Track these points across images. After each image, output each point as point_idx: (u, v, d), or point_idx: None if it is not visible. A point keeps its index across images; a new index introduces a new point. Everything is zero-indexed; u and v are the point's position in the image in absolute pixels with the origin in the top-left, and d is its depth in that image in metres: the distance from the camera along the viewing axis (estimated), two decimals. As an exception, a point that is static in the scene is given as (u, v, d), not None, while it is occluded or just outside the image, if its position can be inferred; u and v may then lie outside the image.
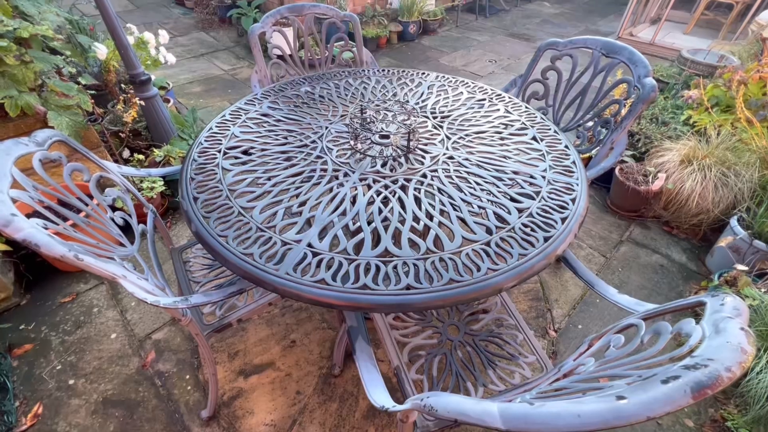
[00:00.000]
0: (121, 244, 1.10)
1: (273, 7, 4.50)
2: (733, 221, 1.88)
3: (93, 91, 2.14)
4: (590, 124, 1.62)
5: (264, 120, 1.43)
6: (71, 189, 1.04)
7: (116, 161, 2.25)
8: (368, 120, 1.34)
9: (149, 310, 1.81)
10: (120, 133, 2.22)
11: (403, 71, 1.82)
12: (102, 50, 2.21)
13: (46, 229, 0.78)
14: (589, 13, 5.88)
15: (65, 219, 0.95)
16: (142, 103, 2.16)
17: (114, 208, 1.18)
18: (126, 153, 2.36)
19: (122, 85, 2.50)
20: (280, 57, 1.92)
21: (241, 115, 1.46)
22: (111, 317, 1.78)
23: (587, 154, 1.66)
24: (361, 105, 1.34)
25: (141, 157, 2.21)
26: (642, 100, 1.35)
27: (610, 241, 2.20)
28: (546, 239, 0.96)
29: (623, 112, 1.50)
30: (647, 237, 2.22)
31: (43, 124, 1.76)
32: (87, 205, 1.06)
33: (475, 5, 5.81)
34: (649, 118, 2.63)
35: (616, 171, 2.28)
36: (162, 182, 2.11)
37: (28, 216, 0.77)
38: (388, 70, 1.83)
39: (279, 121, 1.43)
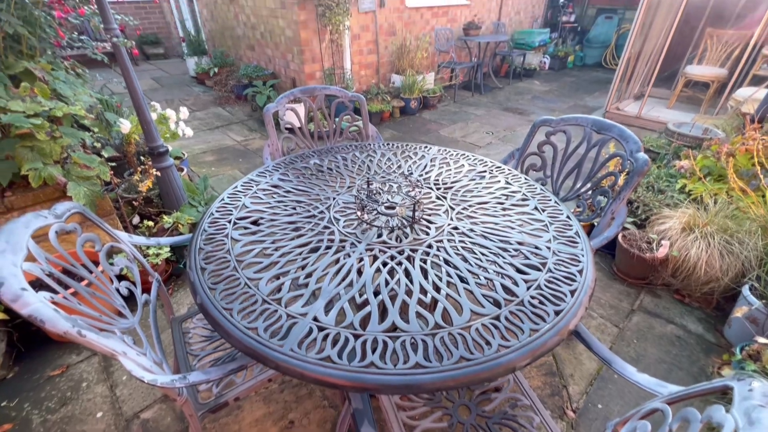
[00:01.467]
0: (123, 315, 1.08)
1: (286, 86, 4.93)
2: (746, 290, 1.84)
3: (113, 163, 2.25)
4: (589, 193, 1.67)
5: (274, 191, 1.49)
6: (81, 259, 1.05)
7: (126, 228, 2.30)
8: (374, 191, 1.39)
9: (141, 385, 1.71)
10: (133, 202, 2.30)
11: (407, 145, 1.93)
12: (126, 125, 2.38)
13: (52, 301, 0.78)
14: (575, 91, 6.38)
15: (70, 288, 0.95)
16: (158, 174, 2.27)
17: (120, 277, 1.18)
18: (136, 219, 2.42)
19: (141, 157, 2.65)
20: (290, 130, 2.06)
21: (252, 186, 1.52)
22: (99, 393, 1.68)
23: (588, 222, 1.69)
24: (368, 177, 1.41)
25: (150, 224, 2.26)
26: (637, 173, 1.41)
27: (621, 310, 2.14)
28: (557, 313, 0.94)
29: (620, 182, 1.56)
30: (659, 306, 2.16)
31: (62, 193, 1.84)
32: (92, 273, 1.06)
33: (471, 83, 6.34)
34: (645, 186, 2.71)
35: (619, 238, 2.29)
36: (168, 249, 2.13)
37: (34, 285, 0.78)
38: (393, 144, 1.95)
39: (288, 192, 1.48)
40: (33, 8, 1.93)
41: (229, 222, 1.29)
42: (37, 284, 0.86)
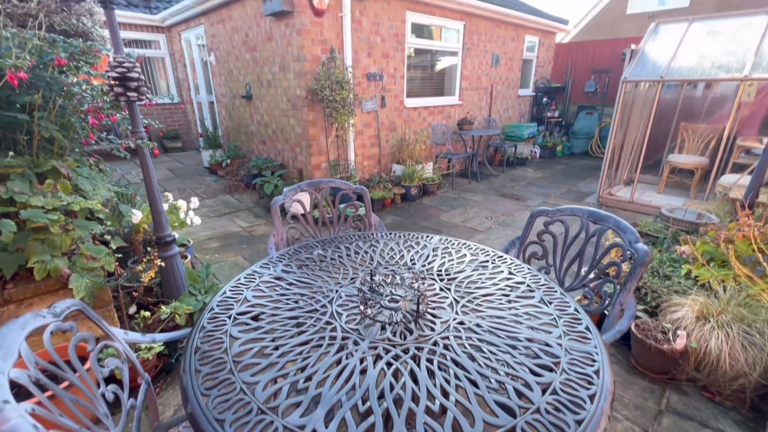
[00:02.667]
0: (103, 425, 0.99)
1: (293, 175, 5.22)
2: (779, 387, 1.70)
3: (119, 254, 2.28)
4: (594, 284, 1.65)
5: (277, 283, 1.48)
6: (71, 359, 1.01)
7: (121, 318, 2.23)
8: (377, 284, 1.38)
9: None
10: (133, 292, 2.27)
11: (409, 234, 1.98)
12: (137, 216, 2.47)
13: (33, 414, 0.72)
14: (567, 177, 6.72)
15: (55, 397, 0.89)
16: (163, 264, 2.29)
17: (107, 379, 1.11)
18: (133, 309, 2.37)
19: (148, 248, 2.69)
20: (295, 218, 2.12)
21: (255, 278, 1.52)
22: None
23: (597, 314, 1.64)
24: (371, 269, 1.41)
25: (147, 314, 2.20)
26: (639, 264, 1.42)
27: (647, 410, 1.95)
28: (578, 423, 0.86)
29: (624, 271, 1.55)
30: (689, 406, 1.97)
31: (63, 285, 1.83)
32: (79, 375, 1.00)
33: (468, 171, 6.72)
34: (650, 272, 2.69)
35: (633, 328, 2.20)
36: (161, 343, 2.04)
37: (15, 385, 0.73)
38: (395, 234, 1.99)
39: (291, 284, 1.48)
40: (71, 115, 2.16)
41: (229, 317, 1.26)
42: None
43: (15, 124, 1.92)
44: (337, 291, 1.43)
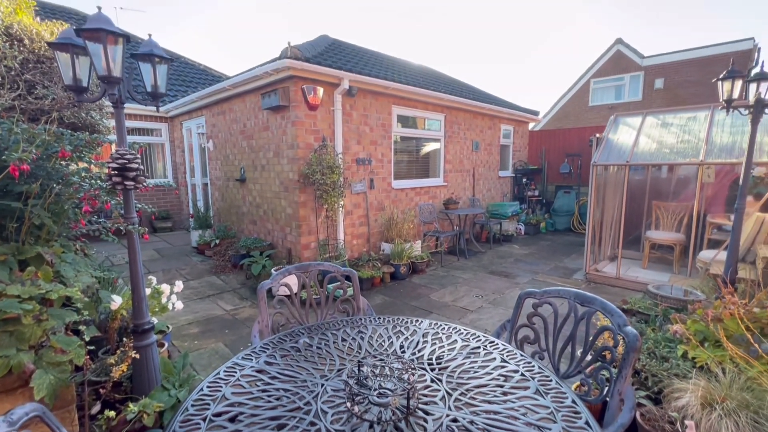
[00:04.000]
0: None
1: (281, 255, 5.21)
2: (803, 486, 1.56)
3: (92, 347, 2.15)
4: (590, 369, 1.60)
5: (258, 377, 1.40)
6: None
7: (82, 419, 2.01)
8: (365, 376, 1.31)
9: None
10: (100, 388, 2.09)
11: (398, 319, 1.93)
12: (116, 302, 2.38)
13: None
14: (553, 253, 6.85)
15: None
16: (137, 356, 2.15)
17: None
18: (96, 407, 2.15)
19: (123, 338, 2.55)
20: (281, 302, 2.07)
21: (236, 372, 1.43)
22: None
23: (598, 404, 1.56)
24: (359, 360, 1.35)
25: (112, 414, 1.99)
26: (632, 349, 1.40)
27: None
28: None
29: (618, 354, 1.51)
30: None
31: (24, 383, 1.68)
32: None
33: (456, 249, 6.81)
34: (647, 353, 2.62)
35: (639, 418, 2.07)
36: (124, 448, 1.82)
37: None
38: (384, 318, 1.95)
39: (274, 378, 1.39)
40: (65, 202, 2.20)
41: (204, 420, 1.16)
42: None
43: (7, 212, 1.94)
44: (323, 385, 1.34)
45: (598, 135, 5.79)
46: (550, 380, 1.37)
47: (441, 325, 1.86)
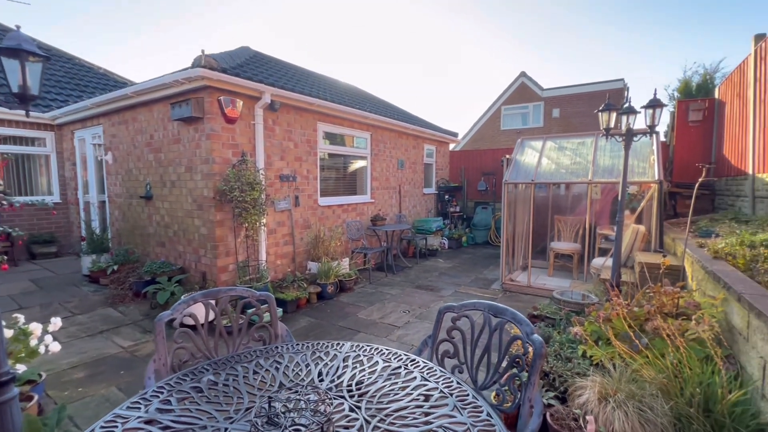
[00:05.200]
0: None
1: (195, 280, 4.73)
2: (678, 464, 1.79)
3: None
4: (504, 378, 1.66)
5: (147, 430, 1.18)
6: None
7: None
8: (276, 413, 1.19)
9: None
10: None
11: (318, 344, 1.83)
12: (-38, 351, 1.89)
13: None
14: (474, 265, 7.27)
15: None
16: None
17: None
18: None
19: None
20: (184, 335, 1.83)
21: (116, 427, 1.20)
22: None
23: (513, 412, 1.62)
24: (269, 396, 1.22)
25: (-56, 499, 1.54)
26: (537, 356, 1.48)
27: None
28: None
29: (528, 362, 1.60)
30: (612, 499, 1.94)
31: None
32: None
33: (384, 265, 6.86)
34: (554, 356, 2.85)
35: (549, 419, 2.21)
36: None
37: None
38: (303, 344, 1.83)
39: (166, 429, 1.19)
40: None
41: (64, 495, 0.93)
42: None
43: None
44: (226, 429, 1.19)
45: (508, 156, 6.37)
46: (467, 395, 1.39)
47: (363, 347, 1.80)
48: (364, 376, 1.53)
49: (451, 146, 11.30)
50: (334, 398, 1.36)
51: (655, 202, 4.86)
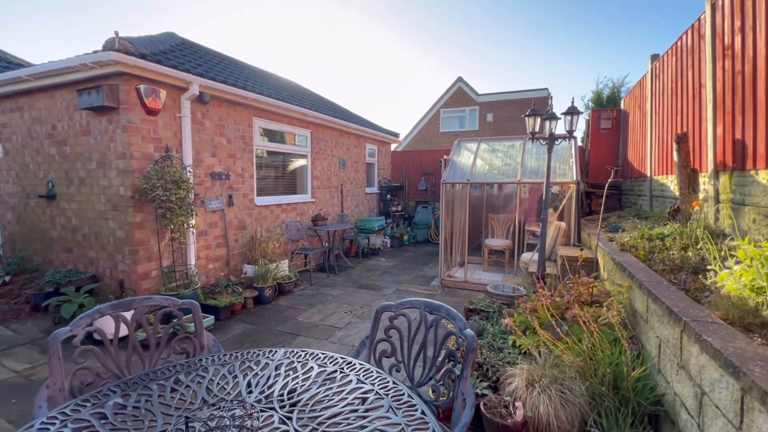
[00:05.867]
0: None
1: (109, 289, 4.23)
2: (592, 438, 1.96)
3: None
4: (440, 374, 1.69)
5: (29, 470, 1.00)
6: None
7: None
8: (194, 435, 1.08)
9: None
10: None
11: (248, 353, 1.71)
12: None
13: None
14: (415, 263, 7.43)
15: None
16: None
17: None
18: None
19: None
20: (88, 353, 1.60)
21: (-11, 471, 0.99)
22: None
23: (448, 406, 1.65)
24: (186, 417, 1.11)
25: None
26: (469, 350, 1.52)
27: (507, 496, 1.96)
28: None
29: (460, 358, 1.64)
30: (538, 478, 2.07)
31: None
32: None
33: (325, 265, 6.73)
34: (488, 347, 2.99)
35: (482, 408, 2.31)
36: None
37: None
38: (231, 354, 1.70)
39: (55, 466, 1.02)
40: None
41: None
42: None
43: None
44: (133, 459, 1.05)
45: (445, 157, 6.61)
46: (403, 394, 1.38)
47: (297, 352, 1.72)
48: (297, 383, 1.46)
49: (393, 146, 11.46)
50: (263, 410, 1.27)
51: (573, 201, 5.35)
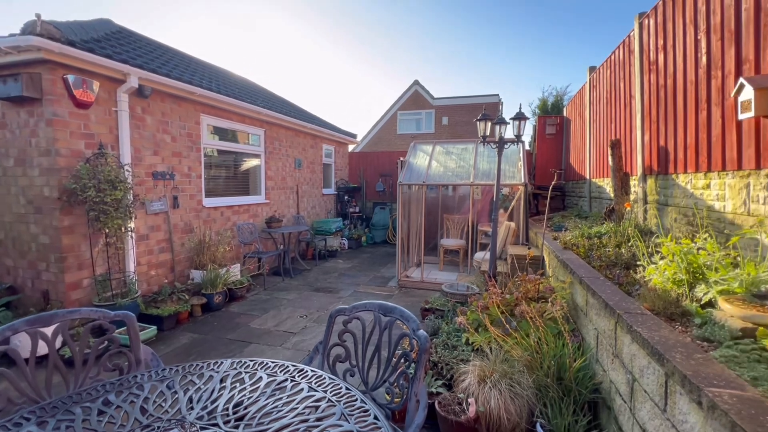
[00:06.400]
0: None
1: (31, 302, 3.80)
2: (538, 428, 2.06)
3: None
4: (393, 377, 1.69)
5: None
6: None
7: None
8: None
9: None
10: None
11: (191, 365, 1.60)
12: None
13: None
14: (373, 264, 7.43)
15: None
16: None
17: None
18: None
19: None
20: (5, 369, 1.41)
21: None
22: None
23: (402, 408, 1.65)
24: (113, 442, 1.00)
25: None
26: (423, 350, 1.53)
27: (461, 492, 2.00)
28: None
29: (414, 359, 1.65)
30: (489, 471, 2.14)
31: None
32: None
33: (280, 269, 6.53)
34: (443, 345, 3.05)
35: (437, 407, 2.34)
36: None
37: None
38: (171, 369, 1.57)
39: None
40: None
41: None
42: None
43: None
44: (48, 495, 0.92)
45: (402, 158, 6.68)
46: (356, 399, 1.36)
47: (245, 362, 1.63)
48: (244, 396, 1.38)
49: (351, 147, 11.40)
50: (204, 428, 1.18)
51: (522, 202, 5.63)
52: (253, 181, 6.87)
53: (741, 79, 2.24)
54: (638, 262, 2.63)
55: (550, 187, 4.33)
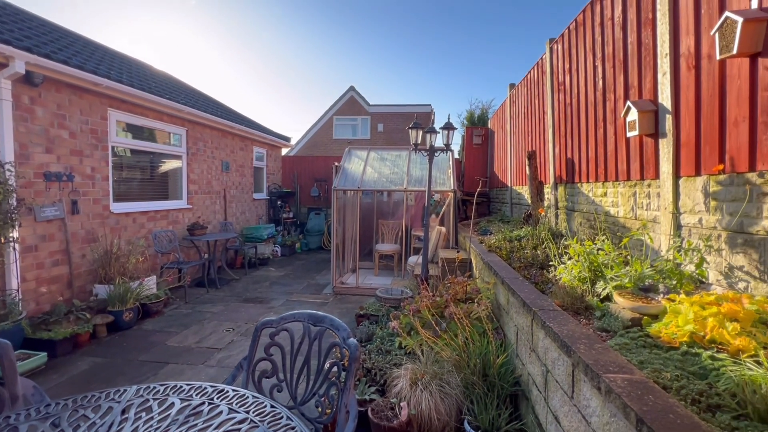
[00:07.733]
0: None
1: None
2: (466, 425, 2.15)
3: None
4: (323, 389, 1.63)
5: None
6: None
7: None
8: None
9: None
10: None
11: (84, 397, 1.38)
12: None
13: None
14: (307, 271, 7.23)
15: None
16: None
17: None
18: None
19: None
20: None
21: None
22: None
23: (332, 420, 1.60)
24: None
25: None
26: (353, 359, 1.50)
27: (394, 498, 2.00)
28: None
29: (344, 368, 1.61)
30: (421, 472, 2.17)
31: None
32: None
33: (204, 279, 6.04)
34: (376, 351, 3.04)
35: (370, 414, 2.32)
36: None
37: None
38: (59, 403, 1.34)
39: None
40: None
41: None
42: None
43: None
44: None
45: (337, 164, 6.62)
46: (281, 417, 1.28)
47: (154, 388, 1.45)
48: (150, 427, 1.22)
49: (285, 151, 11.02)
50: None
51: (451, 208, 5.91)
52: (174, 184, 6.28)
53: (628, 102, 2.60)
54: (551, 263, 2.90)
55: (476, 194, 4.60)
